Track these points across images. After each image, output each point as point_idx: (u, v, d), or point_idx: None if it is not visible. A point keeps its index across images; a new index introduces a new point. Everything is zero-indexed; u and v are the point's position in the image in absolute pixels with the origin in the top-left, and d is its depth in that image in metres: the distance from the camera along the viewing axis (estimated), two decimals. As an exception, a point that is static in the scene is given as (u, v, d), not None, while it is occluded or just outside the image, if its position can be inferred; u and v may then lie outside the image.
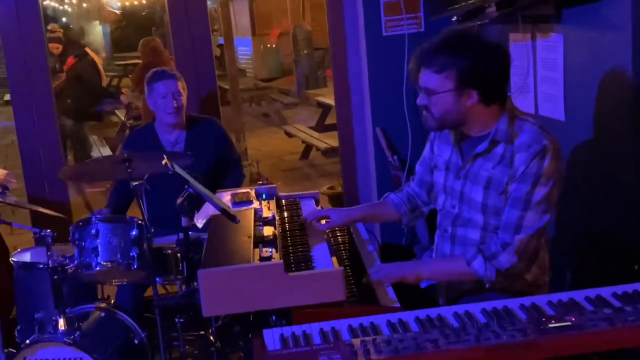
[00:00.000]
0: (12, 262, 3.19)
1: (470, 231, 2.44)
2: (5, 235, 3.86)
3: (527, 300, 2.02)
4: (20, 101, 4.11)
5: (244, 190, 3.04)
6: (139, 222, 3.00)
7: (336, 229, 2.81)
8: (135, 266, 2.98)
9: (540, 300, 2.02)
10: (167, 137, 3.76)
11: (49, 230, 2.94)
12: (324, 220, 2.74)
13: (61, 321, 2.92)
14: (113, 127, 9.07)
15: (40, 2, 4.18)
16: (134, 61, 12.27)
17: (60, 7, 15.06)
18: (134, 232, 2.99)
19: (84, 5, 15.19)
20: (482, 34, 2.38)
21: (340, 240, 2.76)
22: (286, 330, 1.96)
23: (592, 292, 2.03)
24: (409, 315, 2.00)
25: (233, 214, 2.57)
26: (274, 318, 2.25)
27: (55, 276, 2.89)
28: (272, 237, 2.51)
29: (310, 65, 12.37)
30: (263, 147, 9.00)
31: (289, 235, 2.64)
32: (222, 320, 3.25)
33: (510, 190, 2.30)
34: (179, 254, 3.01)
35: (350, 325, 1.96)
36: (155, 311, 2.93)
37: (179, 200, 2.70)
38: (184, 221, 2.80)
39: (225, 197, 2.99)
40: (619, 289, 2.03)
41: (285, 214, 2.88)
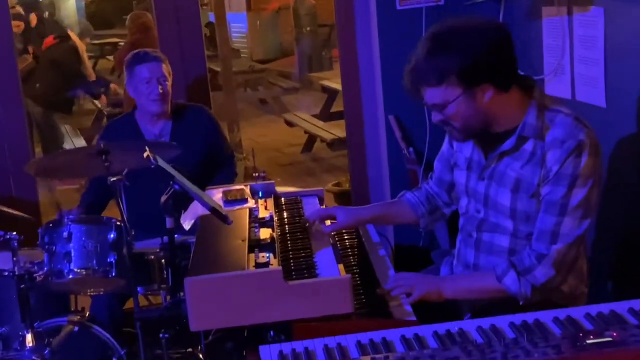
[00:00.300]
0: (-28, 270, 3.20)
1: (497, 237, 2.44)
2: (-36, 238, 3.87)
3: (562, 313, 2.02)
4: (-20, 85, 4.13)
5: (237, 187, 3.05)
6: (118, 224, 3.01)
7: (343, 231, 2.82)
8: (114, 274, 2.98)
9: (577, 312, 2.02)
10: (150, 128, 3.76)
11: (14, 232, 2.94)
12: (329, 222, 2.74)
13: (29, 336, 2.93)
14: (88, 116, 9.08)
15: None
16: (113, 40, 12.28)
17: (28, -21, 15.08)
18: (112, 235, 2.99)
19: (55, -24, 15.21)
20: (466, 19, 2.35)
21: (347, 244, 2.76)
22: (286, 347, 1.96)
23: (637, 304, 2.02)
24: (426, 330, 2.00)
25: (225, 214, 2.57)
26: (271, 333, 2.25)
27: (22, 285, 2.90)
28: (270, 241, 2.52)
29: (314, 45, 12.37)
30: (260, 138, 9.01)
31: (289, 238, 2.65)
32: (213, 336, 3.24)
33: (543, 194, 2.30)
34: (163, 260, 3.03)
35: (358, 341, 1.96)
36: (136, 325, 2.93)
37: (163, 199, 2.71)
38: (169, 222, 2.80)
39: (216, 195, 3.00)
40: (667, 300, 2.03)
41: (285, 214, 2.89)
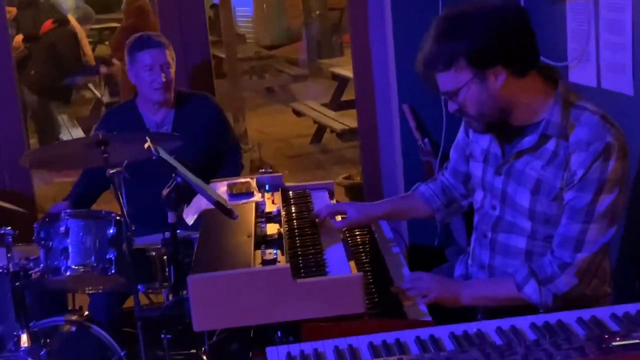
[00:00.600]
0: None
1: (514, 238, 2.44)
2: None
3: (586, 314, 2.02)
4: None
5: (243, 180, 3.05)
6: (117, 219, 3.01)
7: (354, 227, 2.81)
8: (113, 271, 2.99)
9: (603, 313, 2.02)
10: (152, 117, 3.77)
11: (9, 227, 2.96)
12: (340, 217, 2.74)
13: (24, 336, 2.93)
14: (86, 106, 9.10)
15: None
16: (112, 24, 12.29)
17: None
18: (112, 231, 3.00)
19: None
20: (482, 1, 2.34)
21: (359, 240, 2.76)
22: (294, 349, 1.96)
23: (666, 304, 2.02)
24: (442, 331, 2.00)
25: (230, 209, 2.57)
26: (279, 334, 2.26)
27: (17, 282, 2.91)
28: (277, 237, 2.52)
29: (323, 30, 12.35)
30: (266, 129, 9.01)
31: (297, 234, 2.65)
32: (217, 337, 3.25)
33: (567, 199, 2.28)
34: (165, 257, 3.03)
35: (371, 343, 1.96)
36: (137, 325, 2.94)
37: (165, 192, 2.71)
38: (171, 217, 2.81)
39: (221, 188, 3.00)
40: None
41: (293, 209, 2.89)
